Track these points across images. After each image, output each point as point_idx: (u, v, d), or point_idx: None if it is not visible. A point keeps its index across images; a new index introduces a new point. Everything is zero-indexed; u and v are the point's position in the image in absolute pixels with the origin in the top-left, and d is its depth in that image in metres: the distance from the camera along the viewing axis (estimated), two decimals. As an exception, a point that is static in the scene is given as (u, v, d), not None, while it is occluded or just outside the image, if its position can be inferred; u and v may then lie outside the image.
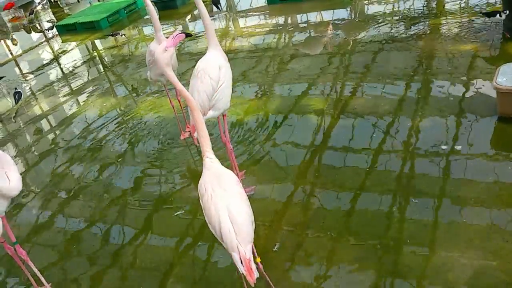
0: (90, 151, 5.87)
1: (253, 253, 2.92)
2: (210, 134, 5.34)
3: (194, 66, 4.16)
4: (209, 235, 3.91)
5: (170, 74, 2.98)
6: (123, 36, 10.11)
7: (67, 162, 5.78)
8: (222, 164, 2.98)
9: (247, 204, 2.78)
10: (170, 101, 5.28)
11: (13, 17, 16.11)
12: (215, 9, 10.25)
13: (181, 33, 3.13)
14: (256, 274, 2.61)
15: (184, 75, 6.91)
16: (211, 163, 2.85)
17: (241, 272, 2.60)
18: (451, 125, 4.51)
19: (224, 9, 10.82)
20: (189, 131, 5.33)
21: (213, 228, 2.74)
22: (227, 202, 2.69)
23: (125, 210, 4.58)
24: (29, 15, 15.41)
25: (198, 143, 5.22)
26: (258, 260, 2.96)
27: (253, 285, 2.63)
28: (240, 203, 2.73)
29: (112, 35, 9.94)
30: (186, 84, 4.02)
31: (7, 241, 3.55)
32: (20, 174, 3.49)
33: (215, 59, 4.00)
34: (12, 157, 3.52)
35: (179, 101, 5.29)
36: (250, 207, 2.82)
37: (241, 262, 2.60)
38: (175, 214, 4.29)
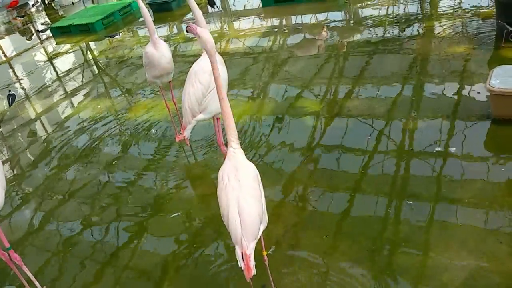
0: (84, 154, 5.84)
1: (261, 246, 2.93)
2: (207, 136, 5.37)
3: (189, 68, 4.18)
4: (205, 237, 3.93)
5: (215, 57, 2.81)
6: (120, 35, 10.15)
7: (61, 164, 5.76)
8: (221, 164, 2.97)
9: (258, 200, 2.77)
10: (166, 102, 5.28)
11: (16, 16, 16.17)
12: (210, 10, 10.26)
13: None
14: (253, 272, 2.62)
15: (180, 77, 6.90)
16: (233, 153, 2.85)
17: (239, 265, 2.63)
18: (445, 127, 4.53)
19: (219, 11, 10.83)
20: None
21: (223, 217, 2.78)
22: (239, 195, 2.70)
23: (121, 212, 4.56)
24: (21, 17, 15.37)
25: (190, 144, 5.22)
26: (265, 253, 2.97)
27: (248, 280, 2.66)
28: (251, 198, 2.73)
29: (110, 37, 9.99)
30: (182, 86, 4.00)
31: (0, 246, 3.53)
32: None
33: (208, 64, 4.01)
34: (3, 161, 3.45)
35: (174, 103, 5.28)
36: (263, 204, 2.81)
37: (242, 257, 2.61)
38: (172, 215, 4.28)
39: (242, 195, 2.70)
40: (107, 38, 10.19)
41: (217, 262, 3.65)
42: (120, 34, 10.13)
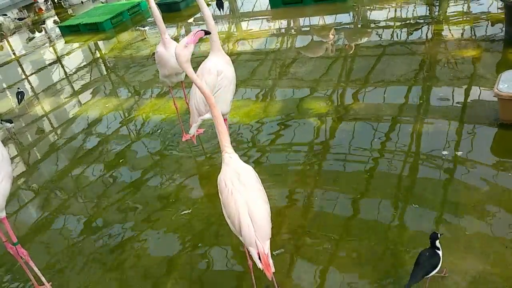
0: (92, 152, 5.89)
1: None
2: (213, 137, 5.40)
3: (196, 68, 4.20)
4: (211, 236, 3.95)
5: (190, 71, 2.94)
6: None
7: (68, 162, 5.81)
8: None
9: (265, 200, 2.81)
10: (174, 102, 5.31)
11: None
12: (218, 12, 10.28)
13: (201, 30, 3.08)
14: (272, 269, 2.64)
15: (186, 78, 6.93)
16: (230, 158, 2.87)
17: (258, 267, 2.65)
18: (452, 131, 4.52)
19: (227, 12, 10.86)
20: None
21: (232, 223, 2.77)
22: (246, 198, 2.71)
23: (127, 210, 4.58)
24: (18, 20, 15.47)
25: (199, 142, 5.25)
26: None
27: (270, 279, 2.67)
28: (259, 199, 2.75)
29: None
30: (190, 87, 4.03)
31: (8, 241, 3.57)
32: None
33: (215, 65, 4.03)
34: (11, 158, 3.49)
35: (187, 103, 5.30)
36: (268, 204, 2.85)
37: (259, 257, 2.63)
38: (182, 213, 4.30)
39: (251, 198, 2.72)
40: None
41: (222, 261, 3.66)
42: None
